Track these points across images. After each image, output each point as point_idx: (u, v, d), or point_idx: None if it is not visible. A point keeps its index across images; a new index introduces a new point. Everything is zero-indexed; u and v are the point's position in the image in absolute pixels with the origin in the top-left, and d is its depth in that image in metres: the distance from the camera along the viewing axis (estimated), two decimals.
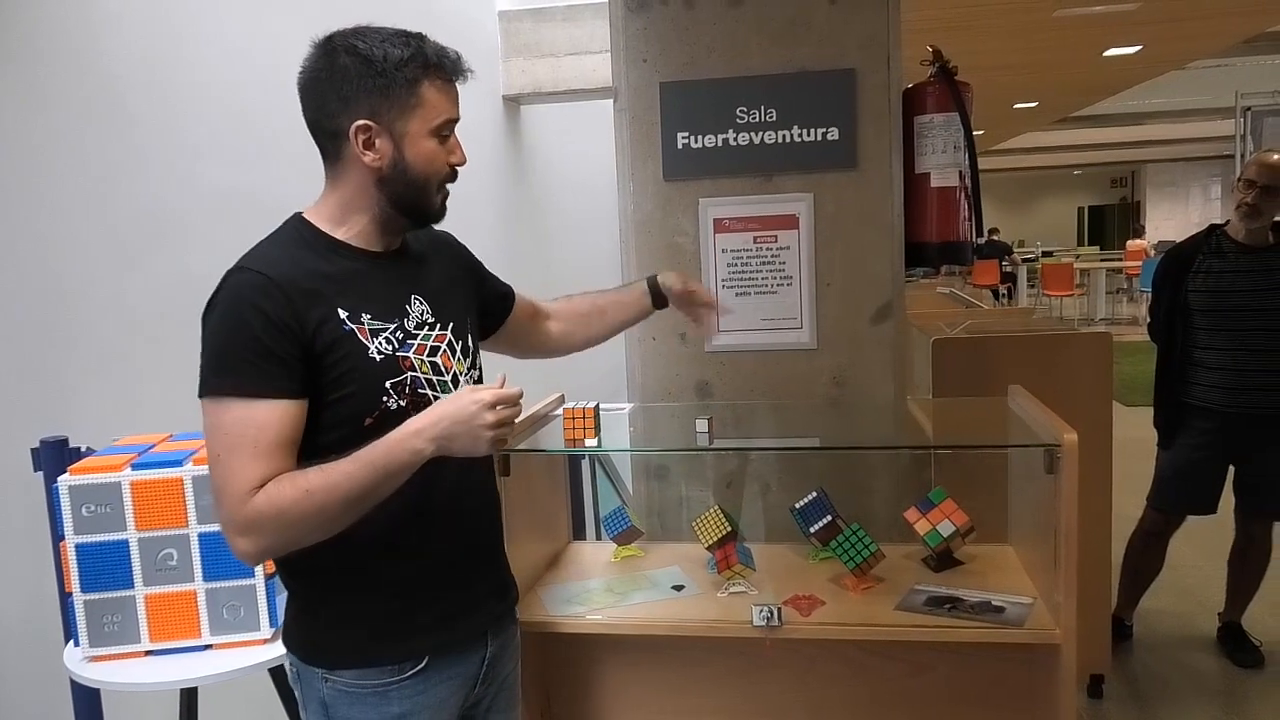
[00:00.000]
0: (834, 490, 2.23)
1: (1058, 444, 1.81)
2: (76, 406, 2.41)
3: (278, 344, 1.36)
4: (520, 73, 5.62)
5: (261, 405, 1.35)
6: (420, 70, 1.44)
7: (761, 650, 2.06)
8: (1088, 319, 15.03)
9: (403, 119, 1.44)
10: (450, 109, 1.49)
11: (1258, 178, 3.34)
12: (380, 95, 1.43)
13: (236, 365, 1.36)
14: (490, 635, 1.64)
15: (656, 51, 2.57)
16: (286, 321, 1.37)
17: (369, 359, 1.44)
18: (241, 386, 1.35)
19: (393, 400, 1.45)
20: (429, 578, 1.54)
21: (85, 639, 1.88)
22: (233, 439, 1.35)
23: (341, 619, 1.51)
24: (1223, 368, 3.41)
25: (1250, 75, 9.88)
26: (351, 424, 1.42)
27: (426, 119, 1.45)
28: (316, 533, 1.38)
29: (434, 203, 1.52)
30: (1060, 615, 1.83)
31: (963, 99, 2.51)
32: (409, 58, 1.43)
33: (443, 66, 1.47)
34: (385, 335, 1.47)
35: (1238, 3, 5.40)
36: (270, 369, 1.36)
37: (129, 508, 1.85)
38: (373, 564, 1.50)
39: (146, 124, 2.68)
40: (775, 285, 2.57)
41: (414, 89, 1.44)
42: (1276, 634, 3.77)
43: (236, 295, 1.38)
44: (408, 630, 1.52)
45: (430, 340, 1.53)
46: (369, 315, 1.46)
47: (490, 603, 1.65)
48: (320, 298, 1.42)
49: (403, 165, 1.46)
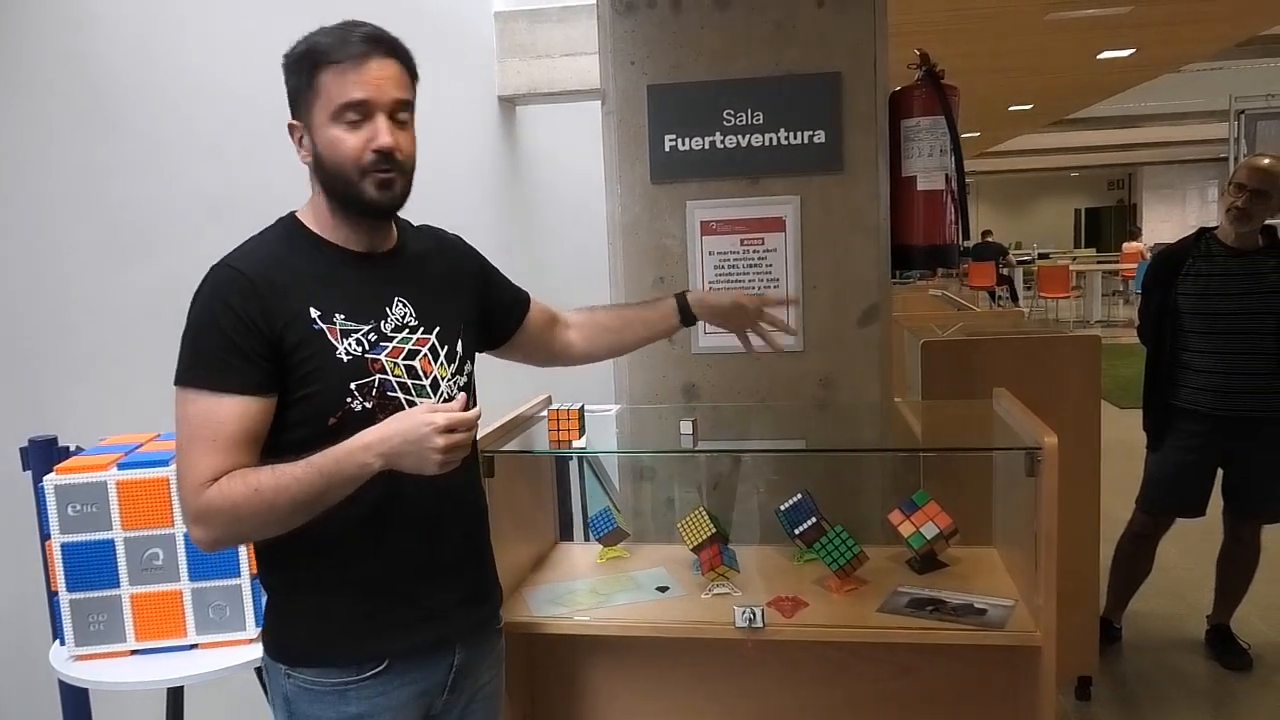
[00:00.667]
0: (820, 492, 2.24)
1: (1038, 447, 1.82)
2: (66, 406, 2.41)
3: (245, 340, 1.39)
4: (516, 73, 5.62)
5: (225, 400, 1.38)
6: (316, 58, 1.42)
7: (744, 652, 2.07)
8: (1084, 321, 15.05)
9: (309, 112, 1.44)
10: (350, 91, 1.41)
11: (1247, 181, 3.35)
12: (294, 95, 1.46)
13: (204, 359, 1.39)
14: (460, 644, 1.61)
15: (644, 54, 2.58)
16: (255, 318, 1.39)
17: (335, 359, 1.44)
18: (206, 380, 1.39)
19: (358, 402, 1.45)
20: (394, 581, 1.53)
21: (71, 638, 1.88)
22: (194, 430, 1.39)
23: (305, 616, 1.52)
24: (1211, 370, 3.42)
25: (1244, 79, 9.90)
26: (315, 423, 1.43)
27: (324, 107, 1.42)
28: (268, 529, 1.40)
29: (362, 190, 1.44)
30: (1041, 618, 1.84)
31: (949, 102, 2.52)
32: (306, 50, 1.43)
33: (334, 50, 1.41)
34: (357, 336, 1.47)
35: (1230, 7, 5.41)
36: (235, 364, 1.38)
37: (115, 507, 1.86)
38: (339, 564, 1.50)
39: (136, 124, 2.69)
40: (762, 288, 2.58)
41: (312, 81, 1.42)
42: (1265, 637, 3.79)
43: (211, 290, 1.42)
44: (368, 631, 1.52)
45: (409, 344, 1.52)
46: (342, 315, 1.46)
47: (463, 610, 1.61)
48: (294, 295, 1.43)
49: (320, 158, 1.45)
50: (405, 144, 1.47)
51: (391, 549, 1.52)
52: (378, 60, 1.43)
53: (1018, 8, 5.07)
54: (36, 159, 2.38)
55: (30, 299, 2.36)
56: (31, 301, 2.36)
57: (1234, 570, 3.67)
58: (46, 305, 2.40)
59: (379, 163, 1.43)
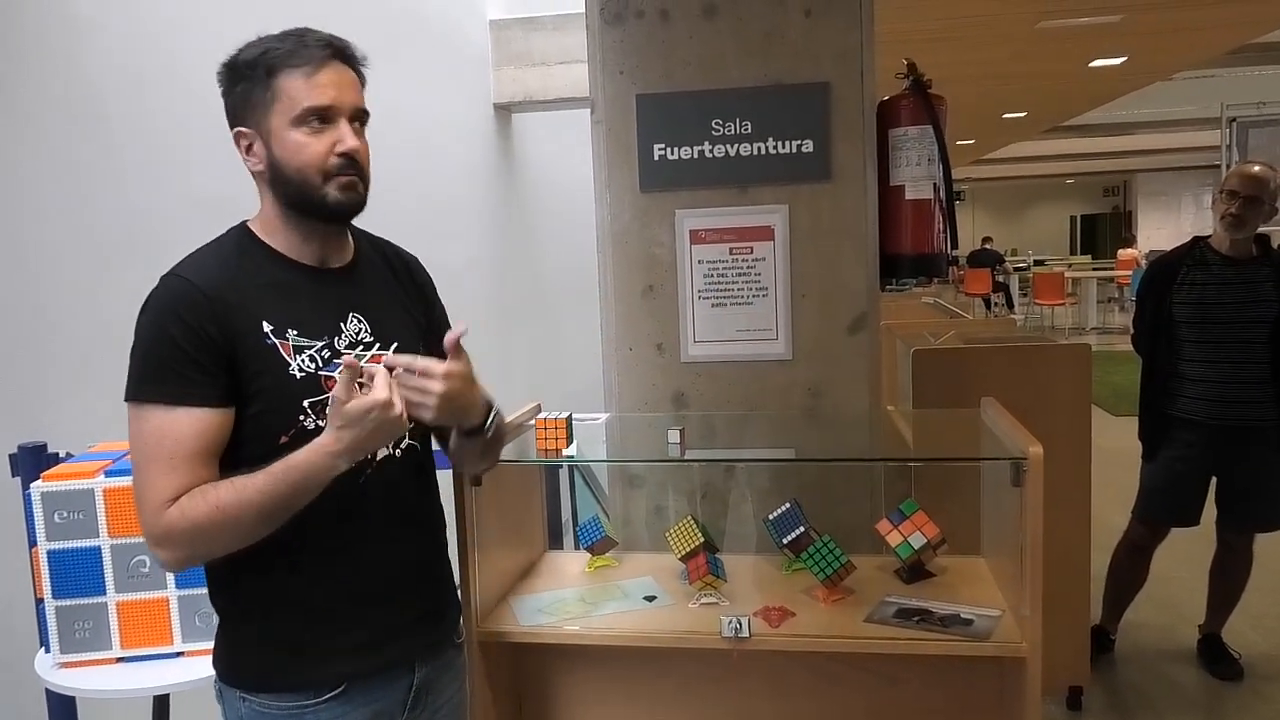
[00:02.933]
0: (808, 501, 2.24)
1: (1024, 457, 1.82)
2: (56, 412, 2.42)
3: (199, 353, 1.36)
4: (511, 81, 5.64)
5: (181, 414, 1.35)
6: (274, 62, 1.40)
7: (730, 661, 2.07)
8: (1079, 328, 15.08)
9: (265, 118, 1.41)
10: (314, 96, 1.39)
11: (1240, 188, 3.36)
12: (241, 101, 1.43)
13: (157, 373, 1.36)
14: (419, 662, 1.59)
15: (633, 64, 2.58)
16: (208, 331, 1.37)
17: (288, 375, 1.42)
18: (161, 394, 1.35)
19: (310, 420, 1.42)
20: (348, 601, 1.49)
21: (57, 645, 1.89)
22: (150, 449, 1.35)
23: (258, 639, 1.49)
24: (1206, 380, 3.42)
25: (1235, 86, 9.94)
26: (266, 441, 1.40)
27: (284, 111, 1.40)
28: (233, 544, 1.38)
29: (323, 194, 1.42)
30: (1027, 628, 1.84)
31: (936, 112, 2.52)
32: (260, 54, 1.41)
33: (296, 55, 1.40)
34: (310, 353, 1.44)
35: (1221, 15, 5.43)
36: (191, 376, 1.35)
37: (101, 514, 1.86)
38: (290, 584, 1.47)
39: (126, 130, 2.69)
40: (751, 296, 2.58)
41: (268, 84, 1.40)
42: (1256, 647, 3.79)
43: (162, 302, 1.39)
44: (324, 653, 1.48)
45: (363, 360, 1.46)
46: (295, 331, 1.44)
47: (421, 627, 1.60)
48: (246, 309, 1.41)
49: (276, 163, 1.42)
50: (365, 150, 1.46)
51: (345, 569, 1.49)
52: (337, 65, 1.43)
53: (1009, 16, 5.09)
54: (26, 164, 2.38)
55: (20, 305, 2.36)
56: (22, 307, 2.36)
57: (1226, 580, 3.67)
58: (37, 311, 2.41)
59: (344, 166, 1.42)
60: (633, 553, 2.47)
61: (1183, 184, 23.73)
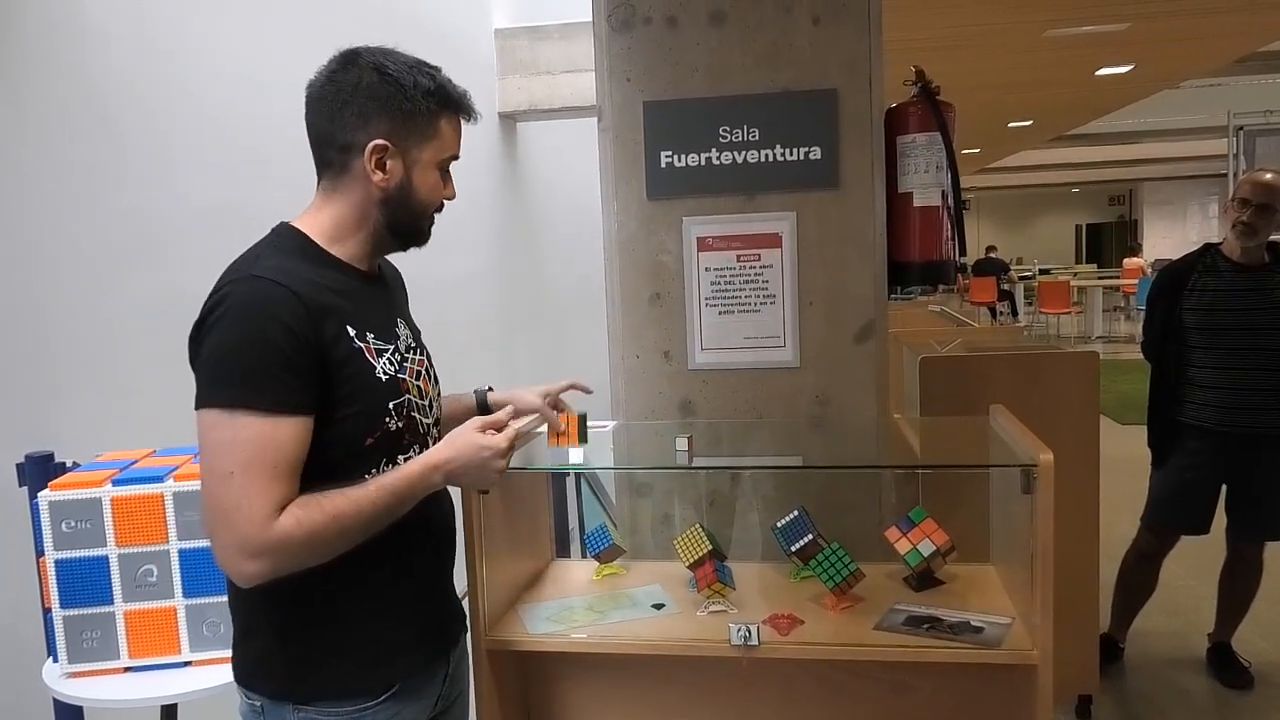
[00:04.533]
0: (816, 509, 2.23)
1: (1034, 464, 1.81)
2: (63, 421, 2.42)
3: (300, 357, 1.34)
4: (516, 90, 5.65)
5: (283, 422, 1.32)
6: (442, 104, 1.50)
7: (739, 669, 2.06)
8: (1085, 337, 15.05)
9: (418, 147, 1.49)
10: (457, 146, 1.55)
11: (1252, 196, 3.36)
12: (403, 119, 1.46)
13: (256, 378, 1.31)
14: (451, 651, 1.68)
15: (640, 71, 2.58)
16: (306, 335, 1.35)
17: (376, 378, 1.45)
18: (261, 401, 1.31)
19: (393, 421, 1.47)
20: (403, 603, 1.54)
21: (64, 655, 1.88)
22: (250, 456, 1.30)
23: (322, 650, 1.48)
24: (1216, 387, 3.41)
25: (1242, 95, 9.94)
26: (351, 443, 1.41)
27: (439, 151, 1.51)
28: (335, 553, 1.38)
29: (425, 229, 1.57)
30: (1038, 636, 1.83)
31: (945, 119, 2.52)
32: (434, 90, 1.48)
33: (461, 106, 1.53)
34: (387, 356, 1.49)
35: (1227, 24, 5.43)
36: (292, 383, 1.33)
37: (109, 524, 1.85)
38: (351, 593, 1.48)
39: (132, 138, 2.70)
40: (758, 304, 2.58)
41: (434, 121, 1.49)
42: (1266, 655, 3.77)
43: (254, 304, 1.34)
44: (381, 656, 1.51)
45: (415, 364, 1.56)
46: (372, 335, 1.47)
47: (455, 622, 1.70)
48: (333, 312, 1.41)
49: (408, 190, 1.50)
50: None
51: (402, 571, 1.53)
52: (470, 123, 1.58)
53: (1017, 24, 5.10)
54: (35, 171, 2.39)
55: (26, 313, 2.36)
56: (28, 315, 2.36)
57: (1236, 588, 3.65)
58: (45, 318, 2.41)
59: (440, 209, 1.59)
60: (640, 561, 2.46)
61: (1189, 193, 23.70)
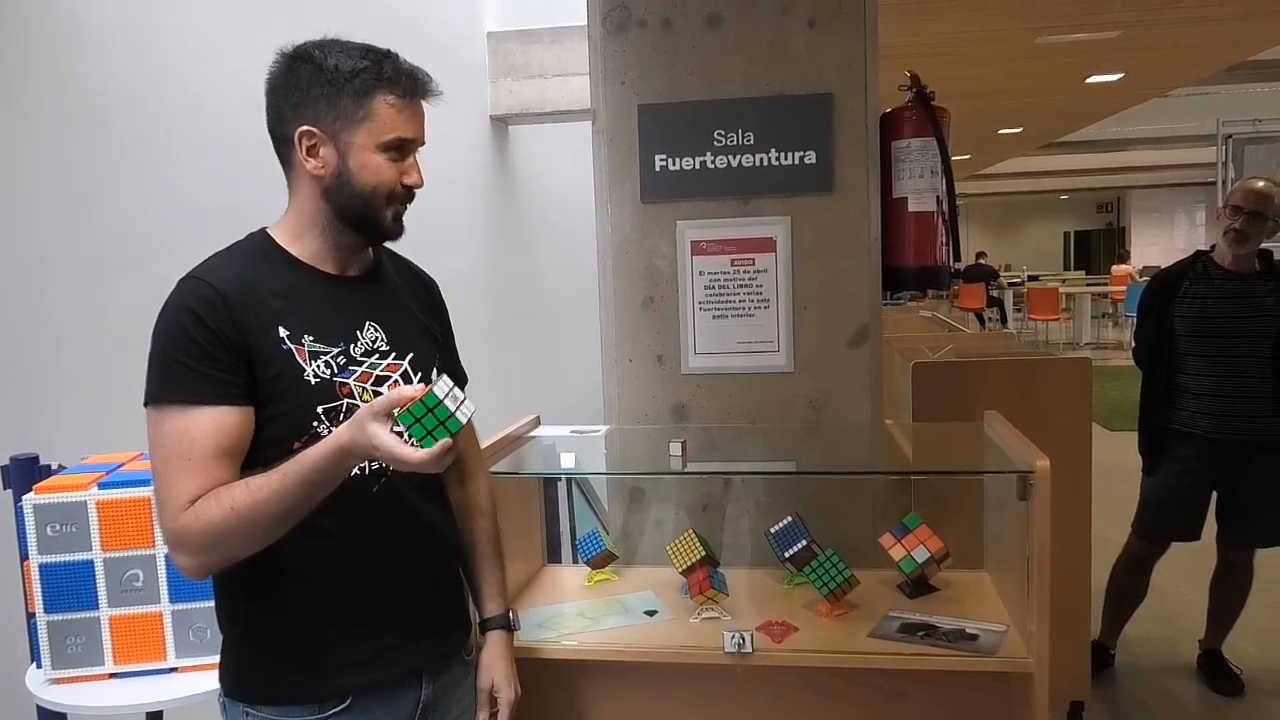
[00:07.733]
0: (810, 515, 2.22)
1: (1030, 470, 1.80)
2: (51, 423, 2.39)
3: (216, 349, 1.35)
4: (508, 93, 5.65)
5: (196, 413, 1.34)
6: (372, 83, 1.42)
7: (733, 677, 2.04)
8: (1073, 343, 15.11)
9: (349, 129, 1.42)
10: (403, 127, 1.45)
11: (1244, 204, 3.36)
12: (327, 103, 1.42)
13: (174, 372, 1.35)
14: (427, 676, 1.57)
15: (635, 74, 2.57)
16: (223, 327, 1.36)
17: (302, 381, 1.41)
18: (177, 393, 1.34)
19: (324, 426, 1.41)
20: (356, 611, 1.48)
21: (48, 661, 1.85)
22: (168, 451, 1.34)
23: (265, 651, 1.47)
24: (1208, 394, 3.41)
25: (1231, 103, 10.00)
26: (279, 446, 1.38)
27: (374, 133, 1.43)
28: (249, 546, 1.35)
29: (382, 218, 1.47)
30: (1033, 643, 1.82)
31: (940, 124, 2.52)
32: (362, 69, 1.42)
33: (397, 83, 1.44)
34: (326, 359, 1.44)
35: (1218, 33, 5.45)
36: (207, 373, 1.34)
37: (94, 527, 1.83)
38: (298, 595, 1.45)
39: (128, 139, 2.68)
40: (752, 308, 2.56)
41: (362, 101, 1.41)
42: (1257, 662, 3.77)
43: (178, 302, 1.38)
44: (331, 666, 1.46)
45: (379, 369, 1.49)
46: (311, 337, 1.43)
47: (430, 641, 1.57)
48: (261, 313, 1.40)
49: (346, 175, 1.44)
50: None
51: (356, 578, 1.47)
52: (421, 101, 1.49)
53: (1008, 31, 5.10)
54: (28, 173, 2.37)
55: (14, 314, 2.33)
56: (15, 317, 2.34)
57: (1227, 594, 3.65)
58: (30, 321, 2.38)
59: (405, 197, 1.49)
60: (633, 567, 2.45)
61: (1176, 200, 23.85)
